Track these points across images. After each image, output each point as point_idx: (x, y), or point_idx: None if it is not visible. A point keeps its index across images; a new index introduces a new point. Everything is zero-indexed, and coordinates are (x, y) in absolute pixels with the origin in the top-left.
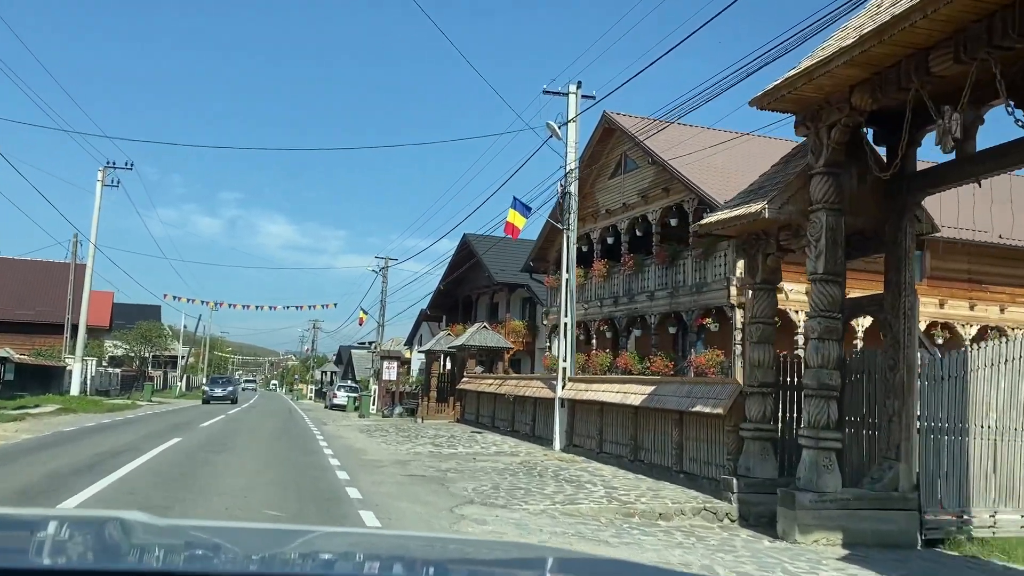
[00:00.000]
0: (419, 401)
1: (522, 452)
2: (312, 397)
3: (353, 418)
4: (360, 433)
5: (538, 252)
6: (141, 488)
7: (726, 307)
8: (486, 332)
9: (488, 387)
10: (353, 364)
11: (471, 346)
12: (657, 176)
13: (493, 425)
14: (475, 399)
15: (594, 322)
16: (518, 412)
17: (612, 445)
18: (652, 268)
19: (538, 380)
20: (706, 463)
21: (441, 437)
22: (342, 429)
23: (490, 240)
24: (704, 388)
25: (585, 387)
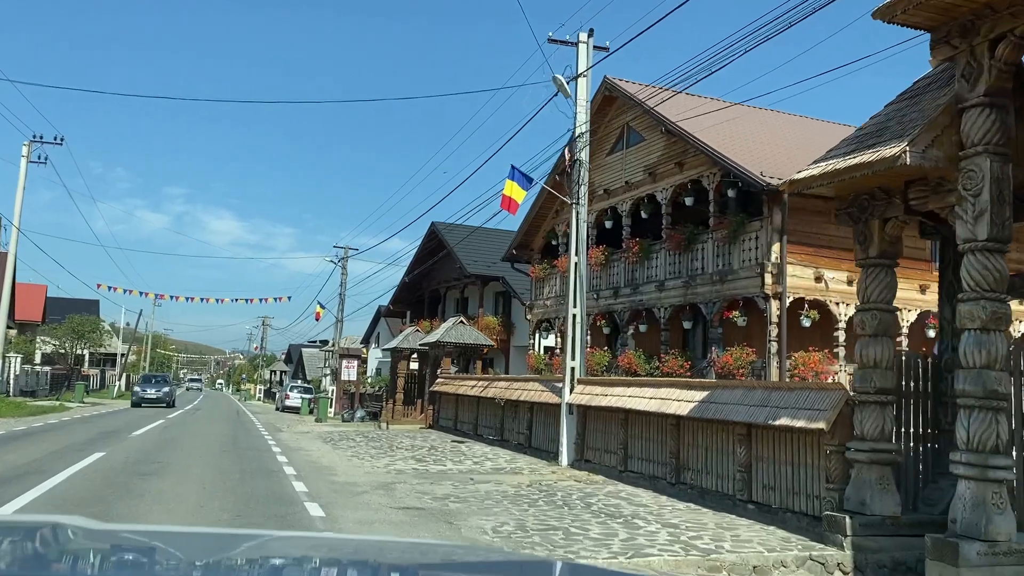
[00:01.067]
0: (383, 404)
1: (524, 469)
2: (261, 398)
3: (310, 423)
4: (323, 443)
5: (522, 239)
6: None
7: (758, 297)
8: (463, 328)
9: (470, 390)
10: (304, 363)
11: (446, 343)
12: (668, 149)
13: (476, 433)
14: (452, 403)
15: (588, 316)
16: (509, 419)
17: (643, 463)
18: (662, 254)
19: (536, 382)
20: (791, 492)
21: (420, 448)
22: (301, 438)
23: (462, 230)
24: (790, 396)
25: (602, 391)
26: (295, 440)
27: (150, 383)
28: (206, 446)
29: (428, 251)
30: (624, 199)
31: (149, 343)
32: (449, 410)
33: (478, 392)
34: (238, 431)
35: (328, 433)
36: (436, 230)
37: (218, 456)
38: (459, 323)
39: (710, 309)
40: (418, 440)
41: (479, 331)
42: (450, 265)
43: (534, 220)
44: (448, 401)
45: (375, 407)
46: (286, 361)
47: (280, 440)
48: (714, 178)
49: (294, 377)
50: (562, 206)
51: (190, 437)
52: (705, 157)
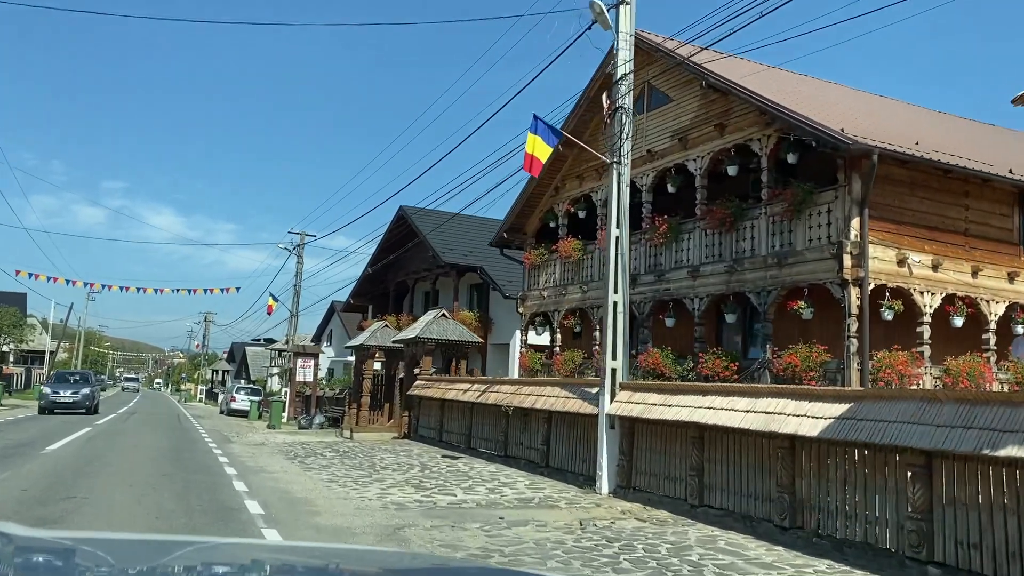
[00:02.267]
0: (345, 409)
1: (558, 499)
2: (203, 399)
3: (262, 430)
4: (286, 460)
5: (514, 221)
6: None
7: (831, 284)
8: (446, 322)
9: (462, 394)
10: (248, 363)
11: (427, 339)
12: (706, 109)
13: (469, 446)
14: (435, 409)
15: (595, 309)
16: (516, 430)
17: (731, 497)
18: (696, 235)
19: (557, 387)
20: (1014, 556)
21: (409, 467)
22: (257, 452)
23: (435, 216)
24: (1012, 413)
25: (661, 400)
26: (251, 455)
27: (65, 383)
28: (140, 466)
29: (396, 239)
30: (644, 171)
31: (82, 340)
32: (431, 417)
33: (473, 397)
34: (180, 442)
35: (288, 445)
36: (405, 215)
37: (156, 484)
38: (441, 317)
39: (763, 299)
40: (401, 455)
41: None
42: (421, 254)
43: (530, 199)
44: (430, 407)
45: (336, 412)
46: (228, 360)
47: (233, 455)
48: (768, 141)
49: (237, 377)
50: (564, 182)
51: (120, 452)
52: (756, 116)
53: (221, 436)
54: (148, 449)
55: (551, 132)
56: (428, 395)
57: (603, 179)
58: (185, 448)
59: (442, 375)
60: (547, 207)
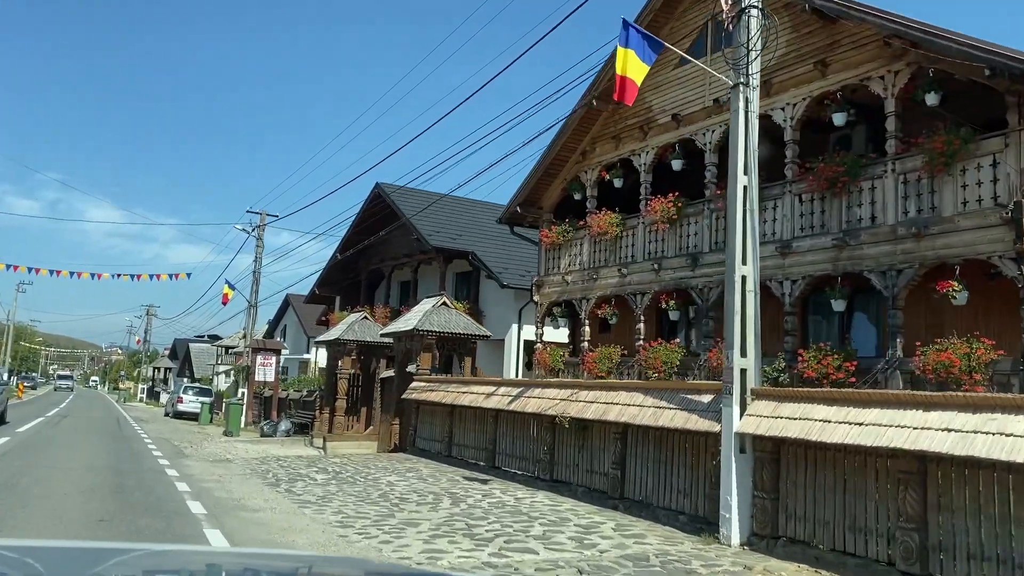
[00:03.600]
0: (315, 414)
1: (682, 556)
2: (144, 398)
3: (218, 438)
4: (269, 488)
5: (529, 194)
6: None
7: (1004, 258)
8: (448, 312)
9: (482, 399)
10: (192, 360)
11: (426, 332)
12: (798, 45)
13: (494, 465)
14: (442, 418)
15: (639, 296)
16: (571, 449)
17: (989, 567)
18: (786, 201)
19: (637, 392)
20: None
21: (435, 498)
22: (227, 474)
23: (418, 196)
24: None
25: (835, 414)
26: (217, 478)
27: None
28: (66, 504)
29: (370, 221)
30: (707, 126)
31: (10, 335)
32: (435, 427)
33: (499, 404)
34: (122, 458)
35: (259, 461)
36: (383, 193)
37: (91, 534)
38: (441, 305)
39: (891, 281)
40: (410, 477)
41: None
42: (400, 238)
43: (550, 166)
44: (432, 414)
45: (304, 417)
46: (171, 357)
47: (193, 478)
48: (896, 78)
49: (180, 375)
50: (594, 145)
51: (40, 479)
52: (878, 48)
53: (172, 447)
54: (79, 471)
55: (647, 44)
56: (430, 400)
57: (647, 138)
58: (129, 468)
59: (449, 376)
60: (571, 175)
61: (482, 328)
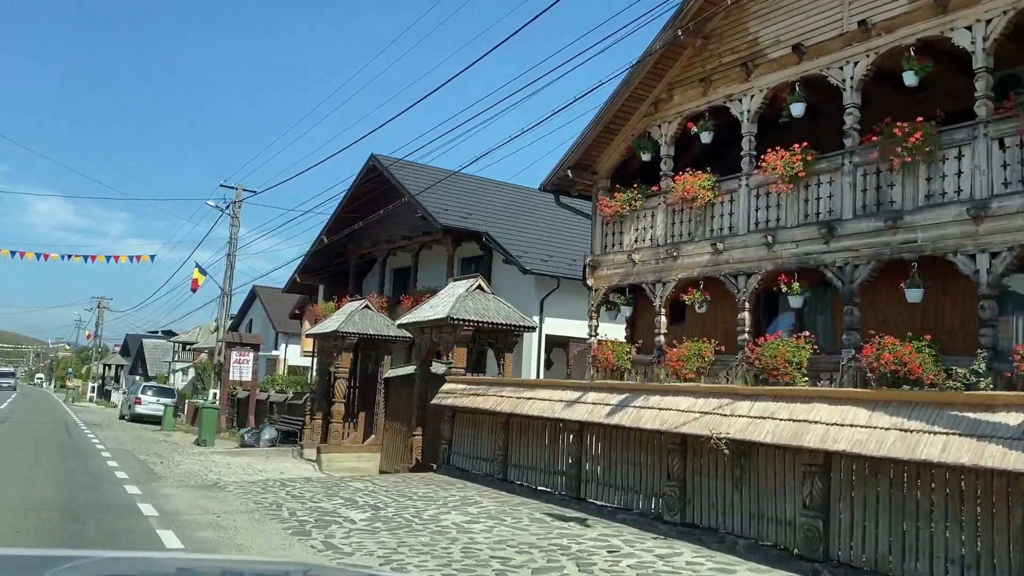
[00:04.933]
0: (305, 420)
1: None
2: (94, 397)
3: (189, 448)
4: (288, 533)
5: (581, 156)
6: None
7: None
8: (485, 299)
9: (562, 408)
10: (145, 357)
11: (461, 322)
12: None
13: (578, 495)
14: (490, 430)
15: (742, 277)
16: (714, 482)
17: None
18: (979, 146)
19: (850, 405)
20: None
21: (532, 546)
22: (224, 512)
23: (420, 171)
24: None
25: None
26: (211, 518)
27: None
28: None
29: (363, 199)
30: (852, 56)
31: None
32: (479, 442)
33: (595, 416)
34: (76, 485)
35: (257, 486)
36: (379, 165)
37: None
38: (476, 289)
39: None
40: (475, 513)
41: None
42: (398, 219)
43: (611, 122)
44: (476, 425)
45: (291, 423)
46: (122, 353)
47: (180, 520)
48: None
49: (132, 373)
50: (671, 92)
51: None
52: None
53: (138, 464)
54: (17, 513)
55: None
56: (472, 407)
57: (753, 79)
58: (88, 504)
59: (499, 377)
60: (639, 130)
61: (527, 318)
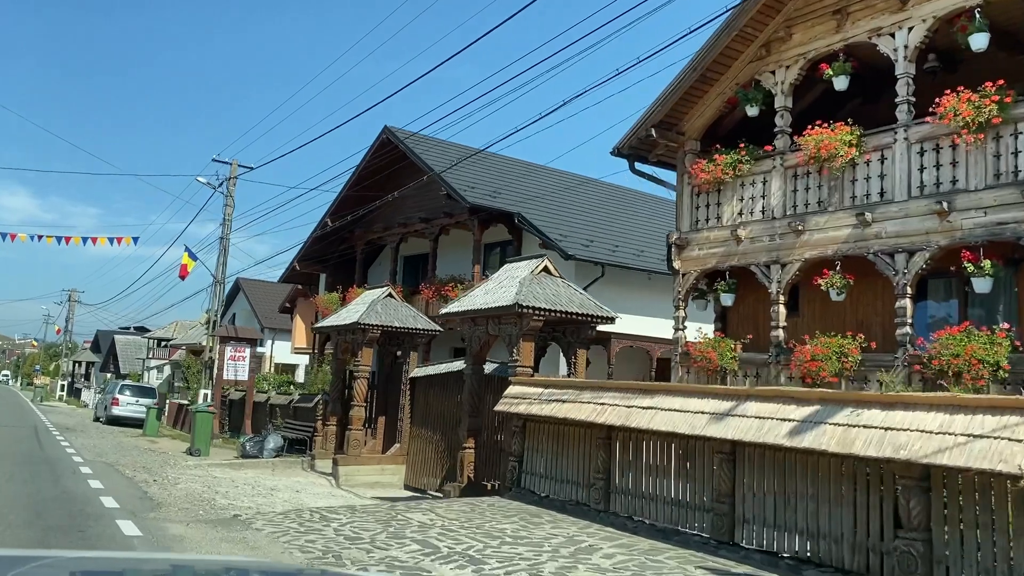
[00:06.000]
0: (315, 426)
1: None
2: (64, 396)
3: (180, 458)
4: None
5: (668, 113)
6: None
7: None
8: (552, 283)
9: (703, 423)
10: (117, 354)
11: (531, 310)
12: None
13: (732, 539)
14: (584, 448)
15: (897, 254)
16: (981, 532)
17: None
18: None
19: None
20: None
21: None
22: (251, 554)
23: (443, 148)
24: None
25: None
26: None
27: None
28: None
29: (372, 180)
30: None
31: None
32: (564, 461)
33: (765, 435)
34: (52, 517)
35: (292, 520)
36: (393, 139)
37: None
38: (541, 272)
39: None
40: (593, 559)
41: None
42: (415, 200)
43: (709, 69)
44: (559, 440)
45: (299, 430)
46: (93, 350)
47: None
48: None
49: (103, 370)
50: (789, 31)
51: None
52: None
53: (126, 484)
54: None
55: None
56: (553, 415)
57: (911, 7)
58: (65, 545)
59: (591, 380)
60: (744, 78)
61: (603, 306)
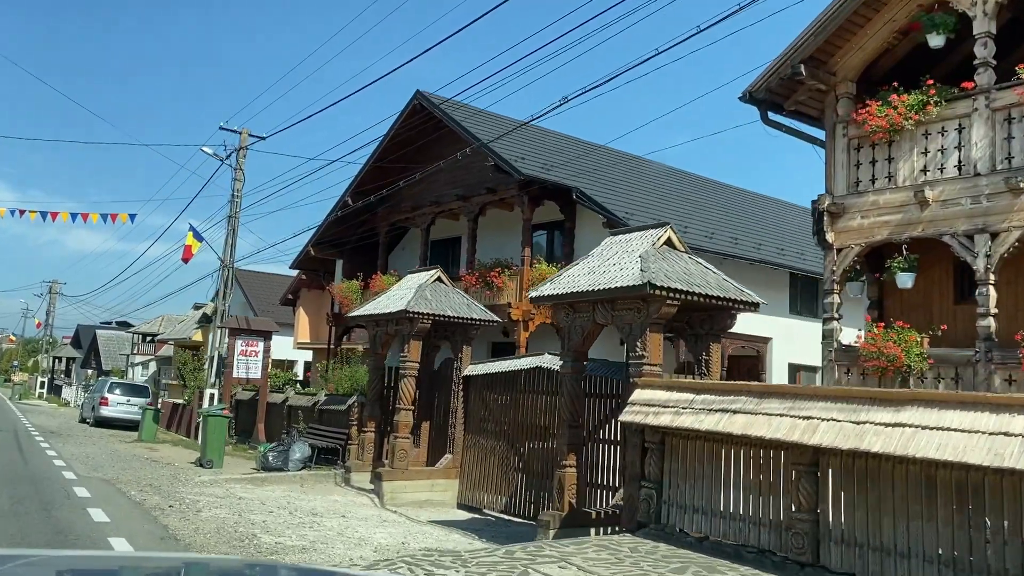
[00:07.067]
0: (348, 432)
1: None
2: (44, 394)
3: (189, 470)
4: None
5: (819, 48)
6: None
7: None
8: (682, 260)
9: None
10: (99, 350)
11: (667, 292)
12: None
13: None
14: (786, 475)
15: None
16: None
17: None
18: None
19: None
20: None
21: None
22: None
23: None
24: None
25: None
26: None
27: None
28: None
29: (399, 153)
30: None
31: None
32: (727, 492)
33: None
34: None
35: (380, 570)
36: (427, 105)
37: None
38: (663, 245)
39: None
40: None
41: (512, 289)
42: (450, 176)
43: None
44: (715, 460)
45: (326, 437)
46: (74, 345)
47: None
48: None
49: (84, 366)
50: None
51: None
52: None
53: (135, 510)
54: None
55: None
56: (717, 431)
57: None
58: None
59: (754, 383)
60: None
61: (744, 290)
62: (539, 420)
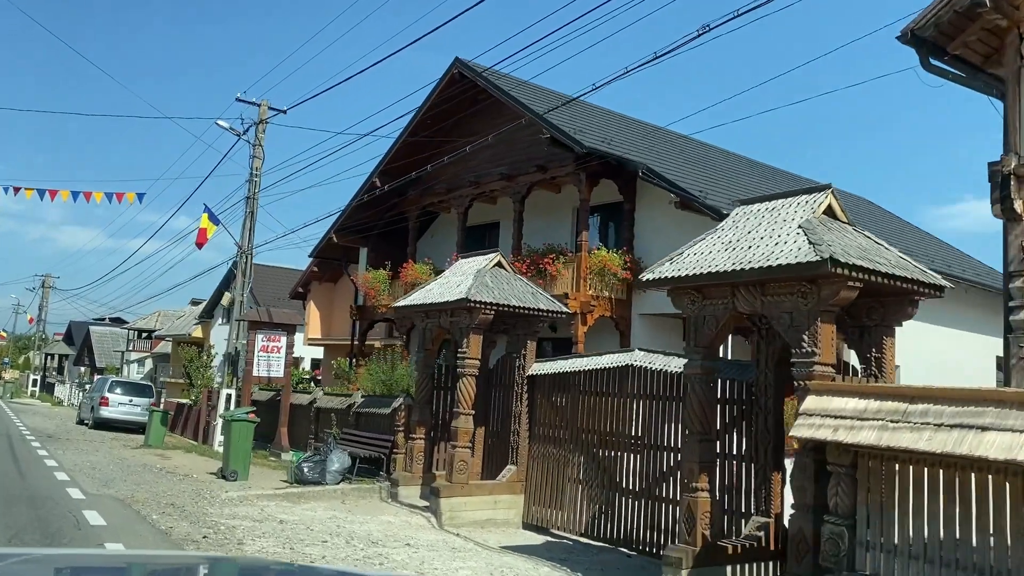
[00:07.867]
0: (394, 440)
1: None
2: (36, 392)
3: (211, 484)
4: None
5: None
6: None
7: None
8: (842, 230)
9: None
10: (92, 346)
11: (848, 269)
12: None
13: None
14: None
15: None
16: None
17: None
18: None
19: None
20: None
21: None
22: None
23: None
24: None
25: None
26: None
27: None
28: None
29: (434, 129)
30: None
31: None
32: (961, 534)
33: None
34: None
35: None
36: (468, 72)
37: None
38: (824, 213)
39: None
40: None
41: (568, 280)
42: (489, 154)
43: None
44: (936, 491)
45: (366, 444)
46: (66, 341)
47: None
48: None
49: (77, 363)
50: None
51: None
52: None
53: (161, 543)
54: None
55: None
56: (952, 453)
57: None
58: None
59: (994, 388)
60: None
61: (928, 271)
62: (629, 429)
